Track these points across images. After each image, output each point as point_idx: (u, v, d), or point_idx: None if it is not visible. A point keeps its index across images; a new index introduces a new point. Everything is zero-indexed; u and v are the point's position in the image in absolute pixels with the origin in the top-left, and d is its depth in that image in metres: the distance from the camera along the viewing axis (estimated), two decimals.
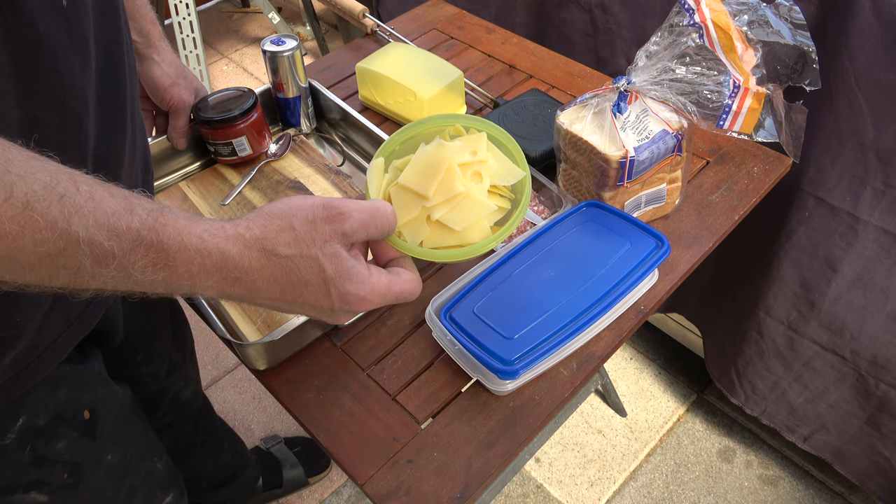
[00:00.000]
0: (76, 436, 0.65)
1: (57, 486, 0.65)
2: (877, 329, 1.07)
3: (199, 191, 0.96)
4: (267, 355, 0.73)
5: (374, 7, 1.58)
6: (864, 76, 0.90)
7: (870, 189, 0.98)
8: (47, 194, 0.36)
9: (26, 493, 0.63)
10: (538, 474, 1.45)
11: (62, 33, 0.47)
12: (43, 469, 0.63)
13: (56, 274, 0.38)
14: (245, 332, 0.78)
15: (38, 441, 0.62)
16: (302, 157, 1.00)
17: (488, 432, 0.69)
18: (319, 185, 0.96)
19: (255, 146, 0.95)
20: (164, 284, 0.41)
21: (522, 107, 1.00)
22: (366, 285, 0.47)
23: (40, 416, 0.61)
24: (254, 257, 0.43)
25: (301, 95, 1.00)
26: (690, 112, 0.76)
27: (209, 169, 0.99)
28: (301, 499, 1.43)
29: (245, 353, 0.72)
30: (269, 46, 0.95)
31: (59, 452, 0.64)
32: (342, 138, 1.04)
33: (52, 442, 0.63)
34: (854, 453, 1.24)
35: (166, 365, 0.92)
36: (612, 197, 0.82)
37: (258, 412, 1.57)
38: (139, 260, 0.39)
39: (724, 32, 0.72)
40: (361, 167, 1.00)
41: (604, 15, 1.18)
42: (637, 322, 0.78)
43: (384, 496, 0.65)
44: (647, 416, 1.53)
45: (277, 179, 0.97)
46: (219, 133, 0.92)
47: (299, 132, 1.03)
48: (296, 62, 0.96)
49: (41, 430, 0.61)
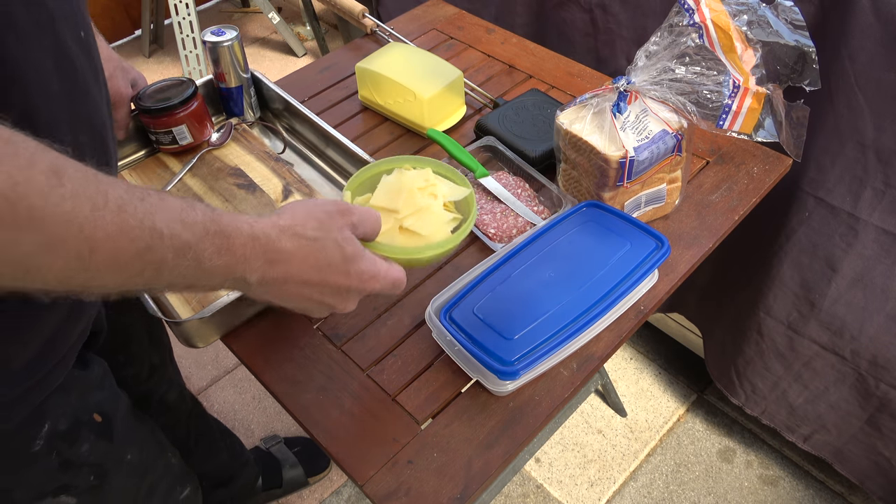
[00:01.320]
0: (95, 438, 0.66)
1: (84, 488, 0.66)
2: (877, 329, 1.07)
3: (142, 179, 0.99)
4: (202, 332, 0.76)
5: (373, 7, 1.58)
6: (864, 76, 0.90)
7: (870, 189, 0.98)
8: (131, 198, 0.40)
9: (56, 498, 0.64)
10: (538, 474, 1.45)
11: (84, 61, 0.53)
12: (70, 473, 0.64)
13: (142, 270, 0.41)
14: (180, 312, 0.81)
15: (63, 445, 0.63)
16: (243, 145, 1.03)
17: (488, 432, 0.69)
18: (259, 172, 0.98)
19: (195, 134, 0.98)
20: (223, 270, 0.45)
21: (522, 107, 1.00)
22: (374, 265, 0.55)
23: (61, 420, 0.62)
24: (288, 240, 0.50)
25: (243, 85, 1.02)
26: (690, 112, 0.76)
27: (151, 158, 1.02)
28: (301, 499, 1.43)
29: (180, 331, 0.75)
30: (209, 37, 0.97)
31: (84, 456, 0.65)
32: (286, 128, 1.07)
33: (75, 446, 0.64)
34: (854, 453, 1.24)
35: (147, 367, 0.93)
36: (612, 197, 0.82)
37: (258, 412, 1.57)
38: (208, 247, 0.44)
39: (724, 32, 0.72)
40: (304, 155, 1.03)
41: (604, 15, 1.18)
42: (637, 322, 0.78)
43: (384, 496, 0.65)
44: (647, 416, 1.53)
45: (218, 167, 0.99)
46: (159, 122, 0.94)
47: (242, 121, 1.05)
48: (235, 52, 0.98)
49: (64, 435, 0.62)
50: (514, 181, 0.92)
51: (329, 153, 1.00)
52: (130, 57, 2.67)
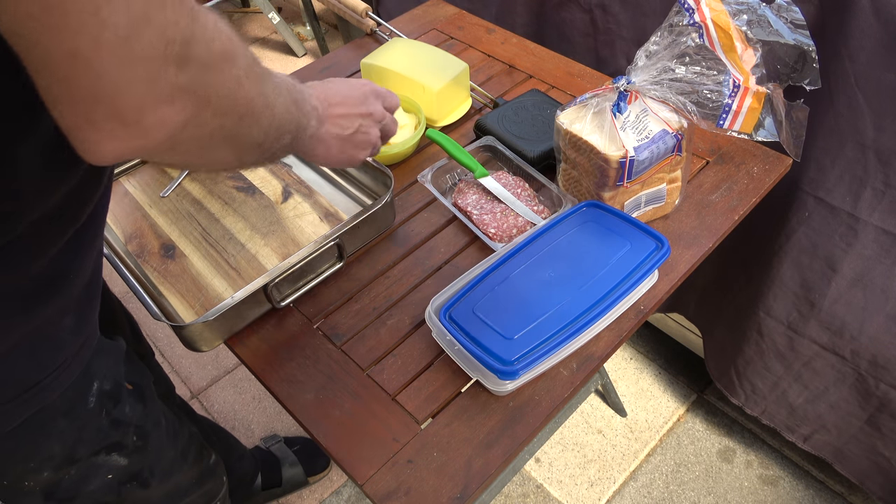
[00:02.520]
0: (133, 401, 0.70)
1: (131, 449, 0.71)
2: (877, 329, 1.07)
3: (140, 184, 0.99)
4: (205, 335, 0.76)
5: (374, 7, 1.58)
6: (864, 76, 0.90)
7: (870, 189, 0.97)
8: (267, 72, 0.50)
9: (109, 455, 0.69)
10: (538, 474, 1.45)
11: None
12: (119, 431, 0.69)
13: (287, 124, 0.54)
14: (183, 316, 0.81)
15: (110, 404, 0.67)
16: None
17: (488, 432, 0.69)
18: (258, 174, 0.99)
19: None
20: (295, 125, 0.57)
21: (522, 107, 1.00)
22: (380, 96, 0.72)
23: (105, 381, 0.66)
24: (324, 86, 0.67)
25: None
26: (690, 112, 0.76)
27: (148, 163, 1.02)
28: (301, 499, 1.43)
29: (184, 335, 0.75)
30: None
31: (128, 415, 0.69)
32: None
33: (119, 405, 0.68)
34: (854, 453, 1.24)
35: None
36: (612, 197, 0.82)
37: (258, 412, 1.57)
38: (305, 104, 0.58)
39: (724, 32, 0.72)
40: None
41: (604, 15, 1.18)
42: (637, 322, 0.78)
43: (384, 496, 0.65)
44: (647, 416, 1.53)
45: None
46: None
47: None
48: None
49: (109, 394, 0.66)
50: (513, 181, 0.92)
51: None
52: None
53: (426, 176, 0.91)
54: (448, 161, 0.93)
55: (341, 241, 0.82)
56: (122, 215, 0.94)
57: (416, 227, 0.91)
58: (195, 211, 0.94)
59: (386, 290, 0.83)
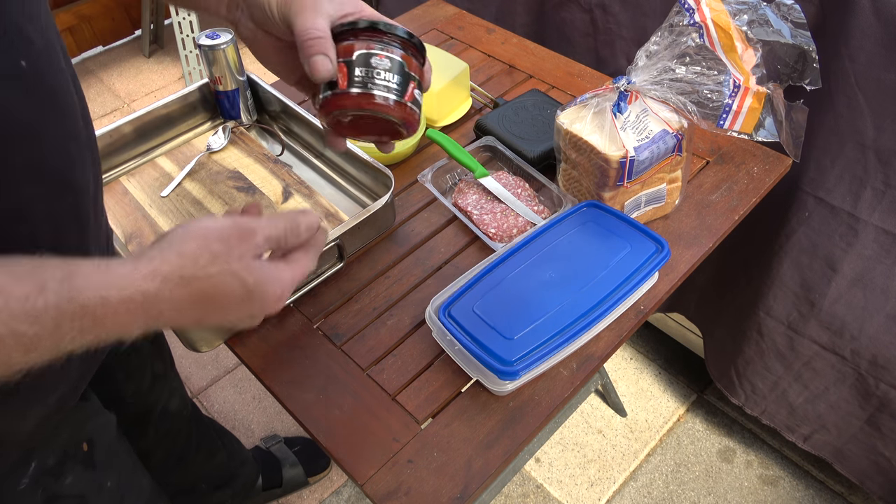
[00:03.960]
0: (80, 469, 0.66)
1: None
2: (877, 329, 1.07)
3: (140, 184, 0.98)
4: (206, 336, 0.76)
5: (374, 7, 1.58)
6: (864, 76, 0.90)
7: (870, 189, 0.98)
8: None
9: None
10: (538, 474, 1.45)
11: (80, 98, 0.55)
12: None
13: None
14: None
15: (49, 480, 0.62)
16: (241, 148, 1.03)
17: (488, 432, 0.69)
18: (258, 174, 0.98)
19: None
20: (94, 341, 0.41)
21: (522, 107, 1.00)
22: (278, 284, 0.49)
23: (50, 457, 0.62)
24: (174, 288, 0.43)
25: (239, 88, 1.02)
26: (690, 112, 0.76)
27: (148, 163, 1.01)
28: (301, 499, 1.43)
29: (184, 335, 0.75)
30: (204, 41, 0.96)
31: (68, 488, 0.65)
32: (283, 130, 1.06)
33: (60, 479, 0.63)
34: (854, 453, 1.24)
35: (148, 377, 0.91)
36: (612, 197, 0.82)
37: (258, 412, 1.57)
38: (67, 332, 0.39)
39: (725, 32, 0.72)
40: (302, 156, 1.03)
41: (604, 15, 1.18)
42: (637, 322, 0.78)
43: (384, 496, 0.65)
44: (647, 416, 1.53)
45: (217, 170, 0.99)
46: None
47: (239, 124, 1.05)
48: (231, 55, 0.98)
49: (51, 470, 0.62)
50: (513, 181, 0.92)
51: (327, 154, 1.00)
52: (130, 57, 2.67)
53: (426, 176, 0.91)
54: (448, 161, 0.93)
55: (341, 242, 0.82)
56: (122, 215, 0.94)
57: (417, 227, 0.91)
58: (195, 211, 0.94)
59: (386, 290, 0.83)
